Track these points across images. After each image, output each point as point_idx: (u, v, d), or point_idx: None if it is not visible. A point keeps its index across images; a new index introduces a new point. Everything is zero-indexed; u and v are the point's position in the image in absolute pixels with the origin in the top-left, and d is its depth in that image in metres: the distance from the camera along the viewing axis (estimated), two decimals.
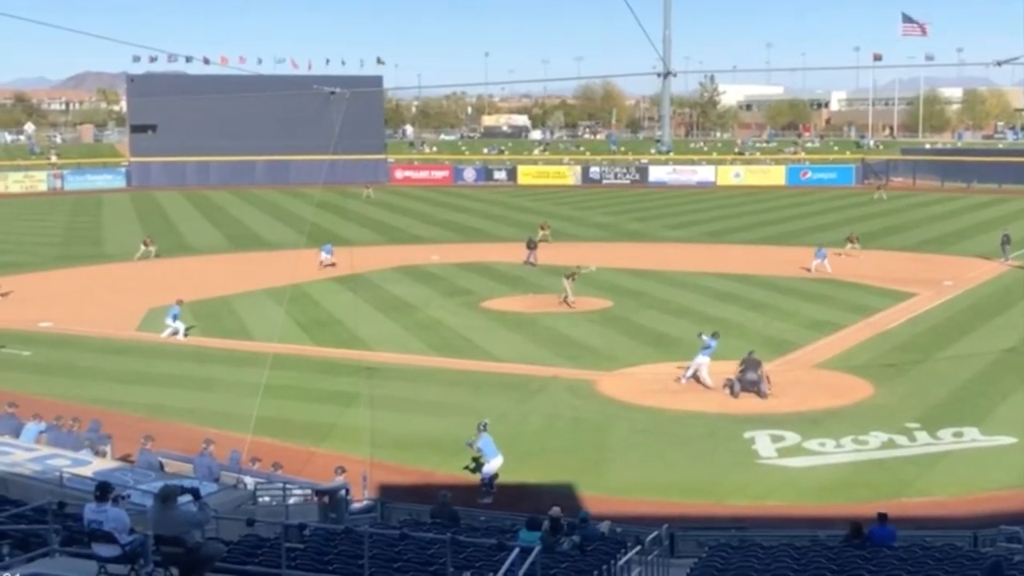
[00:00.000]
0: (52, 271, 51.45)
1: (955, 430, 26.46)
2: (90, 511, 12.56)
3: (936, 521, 20.66)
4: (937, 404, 28.89)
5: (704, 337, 31.31)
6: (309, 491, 20.67)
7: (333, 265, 51.59)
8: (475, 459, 24.01)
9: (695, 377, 31.13)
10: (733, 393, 29.86)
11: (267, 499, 20.43)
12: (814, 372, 32.69)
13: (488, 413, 28.30)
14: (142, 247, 57.22)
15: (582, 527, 16.79)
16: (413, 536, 14.98)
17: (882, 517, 17.46)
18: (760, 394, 29.63)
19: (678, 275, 49.27)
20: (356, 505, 21.13)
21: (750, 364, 30.09)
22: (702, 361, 31.04)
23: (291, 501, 20.37)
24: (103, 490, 12.81)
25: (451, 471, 24.35)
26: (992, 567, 13.79)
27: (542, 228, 62.44)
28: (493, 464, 23.44)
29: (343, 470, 21.89)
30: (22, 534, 13.64)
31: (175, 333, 38.18)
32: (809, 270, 50.26)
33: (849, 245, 55.34)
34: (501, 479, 23.64)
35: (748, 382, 29.88)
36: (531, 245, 54.43)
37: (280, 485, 21.08)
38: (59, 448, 21.48)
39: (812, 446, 25.57)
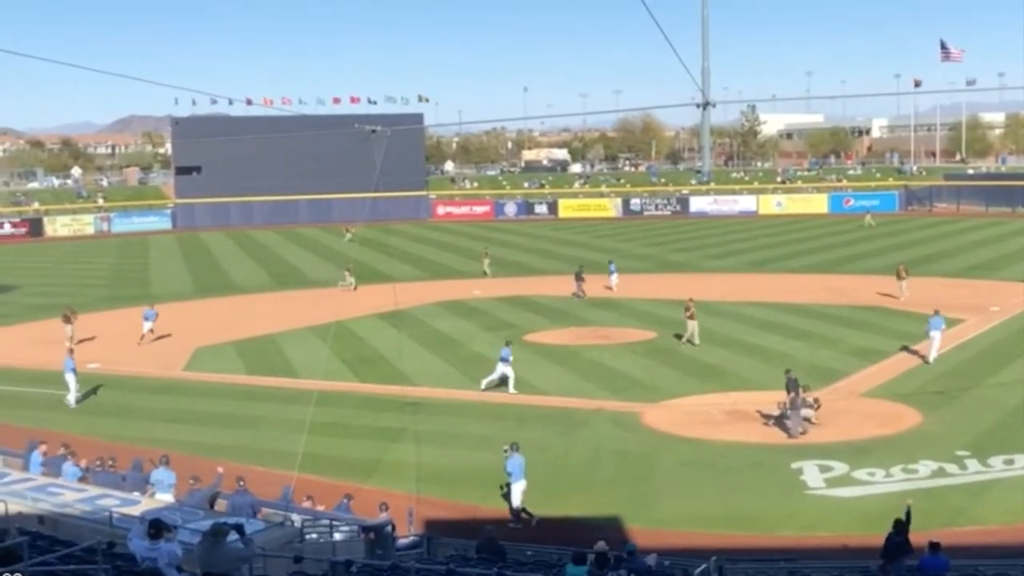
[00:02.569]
0: (100, 312, 52.05)
1: (1006, 457, 26.11)
2: (143, 548, 12.66)
3: (989, 550, 20.36)
4: (987, 431, 28.54)
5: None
6: (356, 527, 20.71)
7: (156, 337, 44.75)
8: (508, 484, 24.13)
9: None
10: (793, 434, 28.85)
11: (314, 536, 20.47)
12: (861, 401, 32.40)
13: (533, 446, 28.31)
14: (346, 276, 57.96)
15: (629, 560, 16.70)
16: (460, 571, 15.00)
17: (934, 546, 17.23)
18: (790, 428, 29.04)
19: (721, 305, 49.04)
20: (402, 541, 21.14)
21: (793, 386, 29.26)
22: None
23: (337, 538, 20.40)
24: (156, 527, 12.92)
25: (497, 505, 24.32)
26: None
27: (485, 255, 63.76)
28: (516, 489, 23.62)
29: (386, 507, 21.92)
30: (72, 574, 13.75)
31: (500, 377, 35.21)
32: (611, 288, 54.56)
33: (901, 282, 49.63)
34: (546, 511, 23.66)
35: (800, 407, 29.16)
36: (579, 277, 54.44)
37: (327, 522, 21.14)
38: (107, 488, 21.64)
39: (861, 476, 25.32)
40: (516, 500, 23.78)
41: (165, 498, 22.00)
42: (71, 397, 34.71)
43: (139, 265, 75.85)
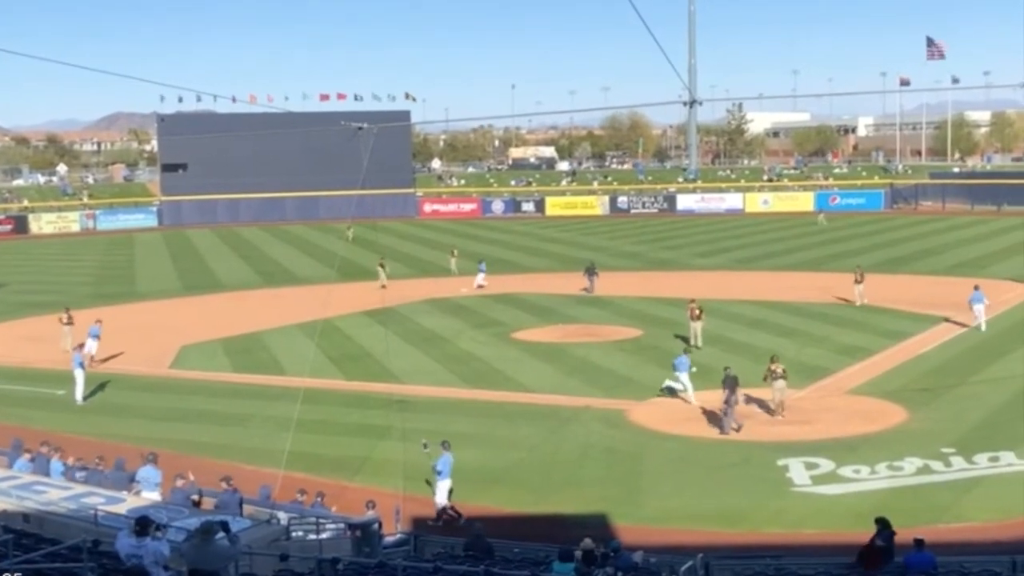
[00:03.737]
0: (86, 310, 51.76)
1: (991, 454, 26.22)
2: (128, 546, 12.61)
3: (974, 546, 20.43)
4: (972, 428, 28.66)
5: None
6: (342, 525, 20.67)
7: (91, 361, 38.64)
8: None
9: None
10: (725, 430, 29.14)
11: (300, 534, 20.44)
12: (847, 398, 32.50)
13: (520, 444, 28.48)
14: (380, 271, 57.89)
15: (615, 557, 16.72)
16: (447, 569, 14.97)
17: (919, 543, 17.29)
18: (723, 427, 29.19)
19: (708, 303, 48.81)
20: (389, 538, 21.12)
21: (729, 384, 29.42)
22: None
23: (324, 535, 20.37)
24: (143, 525, 12.88)
25: (484, 503, 24.35)
26: None
27: (452, 255, 64.05)
28: (442, 487, 23.74)
29: (374, 504, 21.92)
30: (58, 573, 13.70)
31: (681, 389, 32.72)
32: (482, 286, 56.11)
33: (859, 287, 47.84)
34: (533, 509, 23.74)
35: (734, 404, 29.34)
36: (590, 273, 54.56)
37: (313, 520, 21.08)
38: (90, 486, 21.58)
39: (847, 473, 25.39)
40: (441, 498, 23.85)
41: (151, 496, 22.02)
42: (78, 394, 34.86)
43: (125, 263, 75.64)
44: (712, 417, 30.45)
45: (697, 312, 40.74)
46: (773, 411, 30.83)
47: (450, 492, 24.07)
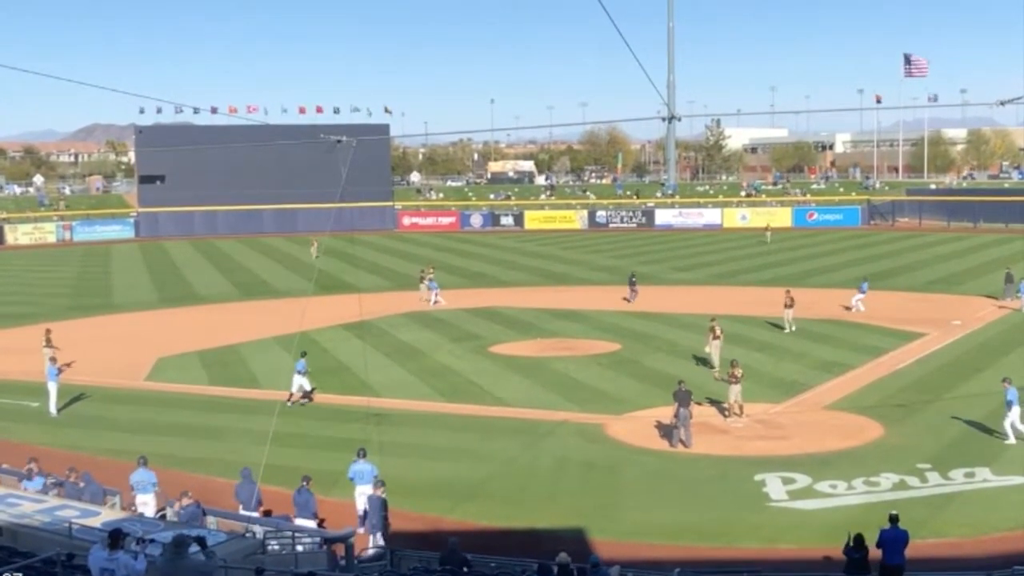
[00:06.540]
0: (62, 322, 51.48)
1: (967, 470, 26.31)
2: (101, 559, 12.50)
3: (950, 562, 20.51)
4: (948, 444, 28.76)
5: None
6: (318, 539, 20.56)
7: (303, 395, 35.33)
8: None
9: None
10: (673, 443, 29.25)
11: (276, 547, 20.31)
12: (824, 413, 32.56)
13: (497, 458, 28.42)
14: (422, 285, 58.22)
15: (593, 572, 16.68)
16: None
17: (893, 519, 17.44)
18: (684, 442, 29.20)
19: (686, 317, 49.21)
20: (366, 552, 21.03)
21: (681, 398, 29.44)
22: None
23: (300, 549, 20.25)
24: (115, 537, 12.76)
25: (461, 517, 24.28)
26: None
27: (428, 271, 62.87)
28: (356, 493, 23.83)
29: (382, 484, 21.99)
30: None
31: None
32: (435, 302, 56.10)
33: (788, 312, 45.85)
34: (510, 523, 23.64)
35: (684, 419, 29.34)
36: (632, 283, 55.46)
37: (289, 533, 20.96)
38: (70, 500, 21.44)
39: (823, 488, 25.43)
40: (358, 502, 23.94)
41: (147, 498, 22.75)
42: (52, 407, 34.65)
43: (102, 274, 75.23)
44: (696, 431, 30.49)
45: (717, 331, 39.46)
46: (727, 413, 31.75)
47: None
